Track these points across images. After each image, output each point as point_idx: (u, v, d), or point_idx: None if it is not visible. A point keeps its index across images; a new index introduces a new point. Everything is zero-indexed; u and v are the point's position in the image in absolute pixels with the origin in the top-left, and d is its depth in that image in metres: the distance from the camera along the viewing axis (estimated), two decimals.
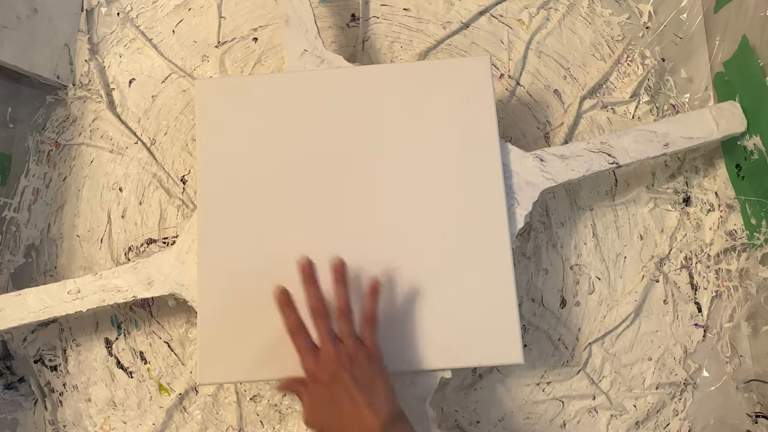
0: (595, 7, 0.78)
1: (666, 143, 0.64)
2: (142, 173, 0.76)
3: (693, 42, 0.76)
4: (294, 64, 0.67)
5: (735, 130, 0.66)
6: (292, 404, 0.70)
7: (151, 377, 0.72)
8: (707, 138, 0.65)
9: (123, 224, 0.75)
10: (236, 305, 0.60)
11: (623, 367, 0.70)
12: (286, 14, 0.68)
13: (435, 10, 0.78)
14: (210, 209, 0.62)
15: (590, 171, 0.63)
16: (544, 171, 0.63)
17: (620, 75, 0.76)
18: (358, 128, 0.63)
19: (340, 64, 0.67)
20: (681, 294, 0.72)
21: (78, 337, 0.73)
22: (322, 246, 0.60)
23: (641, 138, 0.64)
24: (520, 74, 0.77)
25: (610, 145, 0.64)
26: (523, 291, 0.71)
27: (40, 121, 0.78)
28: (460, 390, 0.70)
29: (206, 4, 0.80)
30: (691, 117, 0.66)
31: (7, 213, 0.76)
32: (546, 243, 0.73)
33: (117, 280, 0.64)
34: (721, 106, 0.67)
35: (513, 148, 0.63)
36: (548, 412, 0.69)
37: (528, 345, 0.70)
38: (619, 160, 0.64)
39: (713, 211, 0.73)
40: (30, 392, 0.72)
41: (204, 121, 0.63)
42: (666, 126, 0.65)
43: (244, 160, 0.62)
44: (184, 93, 0.78)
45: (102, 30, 0.81)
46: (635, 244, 0.73)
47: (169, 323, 0.73)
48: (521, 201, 0.62)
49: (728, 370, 0.69)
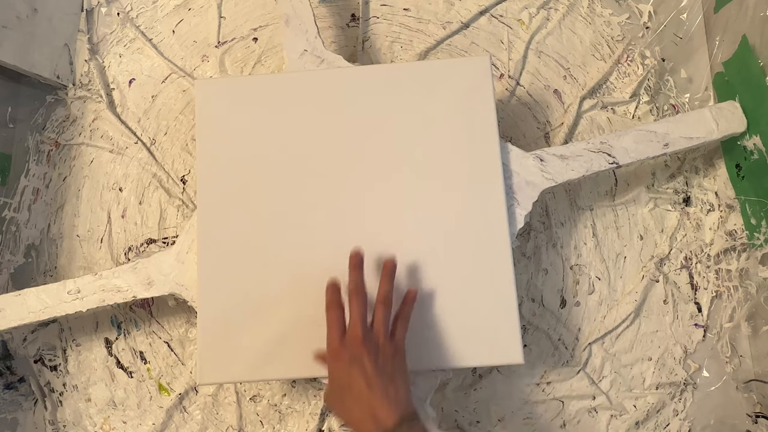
0: (595, 7, 0.78)
1: (666, 143, 0.64)
2: (142, 173, 0.76)
3: (693, 42, 0.76)
4: (294, 64, 0.67)
5: (735, 130, 0.66)
6: (292, 404, 0.70)
7: (151, 377, 0.72)
8: (707, 138, 0.65)
9: (123, 224, 0.75)
10: (236, 305, 0.60)
11: (623, 367, 0.70)
12: (286, 14, 0.68)
13: (435, 10, 0.78)
14: (210, 209, 0.62)
15: (590, 171, 0.63)
16: (544, 171, 0.63)
17: (620, 75, 0.76)
18: (358, 128, 0.63)
19: (340, 64, 0.67)
20: (681, 294, 0.72)
21: (78, 337, 0.73)
22: (321, 245, 0.61)
23: (641, 138, 0.64)
24: (520, 74, 0.77)
25: (610, 145, 0.64)
26: (523, 291, 0.71)
27: (40, 121, 0.78)
28: (460, 390, 0.70)
29: (206, 4, 0.80)
30: (691, 117, 0.66)
31: (7, 213, 0.76)
32: (546, 243, 0.73)
33: (117, 280, 0.64)
34: (720, 106, 0.67)
35: (513, 148, 0.63)
36: (548, 412, 0.69)
37: (528, 345, 0.70)
38: (619, 160, 0.64)
39: (713, 211, 0.73)
40: (30, 392, 0.72)
41: (204, 122, 0.63)
42: (666, 126, 0.65)
43: (243, 161, 0.62)
44: (184, 93, 0.78)
45: (102, 30, 0.81)
46: (635, 244, 0.73)
47: (169, 323, 0.73)
48: (521, 201, 0.62)
49: (728, 370, 0.69)
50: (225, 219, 0.61)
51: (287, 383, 0.71)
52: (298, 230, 0.61)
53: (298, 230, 0.61)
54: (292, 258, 0.60)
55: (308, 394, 0.70)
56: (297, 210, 0.61)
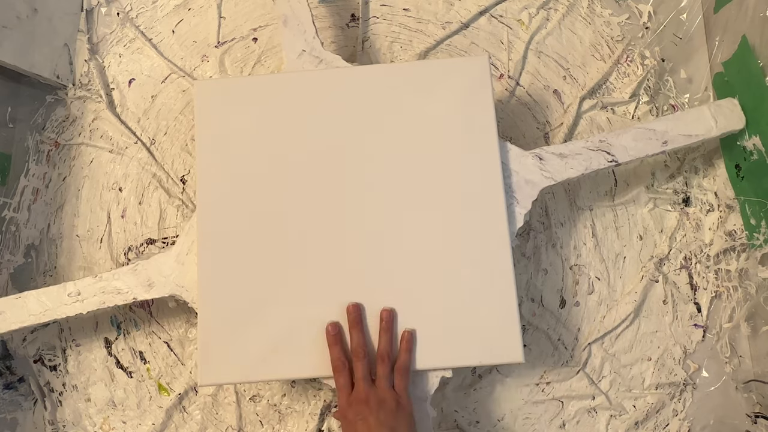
0: (595, 8, 0.78)
1: (665, 141, 0.64)
2: (141, 173, 0.76)
3: (693, 42, 0.76)
4: (292, 64, 0.67)
5: (734, 127, 0.66)
6: (291, 404, 0.70)
7: (151, 377, 0.72)
8: (706, 135, 0.65)
9: (123, 224, 0.75)
10: (236, 306, 0.60)
11: (623, 368, 0.70)
12: (284, 14, 0.68)
13: (435, 10, 0.78)
14: (209, 210, 0.62)
15: (589, 169, 0.63)
16: (543, 169, 0.63)
17: (620, 75, 0.76)
18: (357, 128, 0.63)
19: (339, 64, 0.67)
20: (680, 294, 0.72)
21: (78, 337, 0.73)
22: (320, 245, 0.60)
23: (640, 136, 0.64)
24: (520, 74, 0.77)
25: (608, 143, 0.64)
26: (523, 291, 0.71)
27: (40, 121, 0.78)
28: (460, 390, 0.70)
29: (206, 4, 0.80)
30: (690, 114, 0.66)
31: (7, 213, 0.76)
32: (546, 243, 0.73)
33: (117, 282, 0.64)
34: (719, 103, 0.67)
35: (512, 147, 0.63)
36: (548, 412, 0.69)
37: (528, 345, 0.70)
38: (618, 158, 0.64)
39: (713, 211, 0.73)
40: (29, 392, 0.72)
41: (203, 122, 0.63)
42: (665, 124, 0.65)
43: (243, 161, 0.62)
44: (183, 93, 0.78)
45: (102, 30, 0.81)
46: (635, 245, 0.73)
47: (169, 323, 0.73)
48: (521, 200, 0.62)
49: (728, 371, 0.69)
50: (225, 220, 0.61)
51: (287, 383, 0.71)
52: (298, 230, 0.61)
53: (297, 230, 0.61)
54: (291, 258, 0.60)
55: (308, 395, 0.70)
56: (296, 210, 0.61)
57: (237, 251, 0.61)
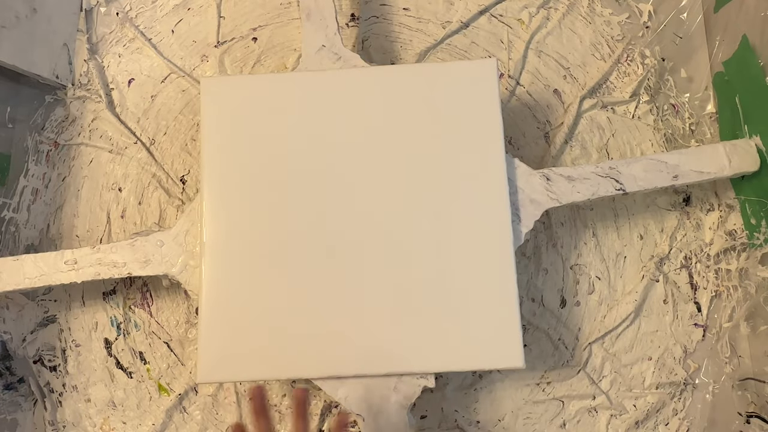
0: (595, 7, 0.78)
1: (676, 175, 0.63)
2: (141, 173, 0.76)
3: (693, 42, 0.76)
4: (310, 59, 0.66)
5: (747, 169, 0.65)
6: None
7: (151, 377, 0.72)
8: (718, 174, 0.64)
9: (122, 224, 0.75)
10: (238, 304, 0.60)
11: (623, 367, 0.70)
12: (308, 8, 0.67)
13: (435, 9, 0.78)
14: (214, 209, 0.62)
15: (596, 195, 0.63)
16: (550, 191, 0.63)
17: (620, 75, 0.76)
18: (364, 130, 0.62)
19: (357, 62, 0.66)
20: (681, 294, 0.72)
21: (77, 338, 0.73)
22: (323, 246, 0.60)
23: (651, 167, 0.64)
24: (520, 74, 0.77)
25: (618, 171, 0.63)
26: (523, 291, 0.71)
27: (39, 121, 0.78)
28: (460, 390, 0.70)
29: (205, 4, 0.80)
30: (704, 151, 0.65)
31: (7, 213, 0.76)
32: (546, 243, 0.73)
33: (114, 255, 0.64)
34: (735, 143, 0.65)
35: (520, 164, 0.63)
36: (548, 412, 0.69)
37: (528, 345, 0.70)
38: (626, 187, 0.63)
39: (713, 211, 0.73)
40: (29, 393, 0.72)
41: (209, 120, 0.63)
42: (677, 157, 0.64)
43: (248, 160, 0.62)
44: (183, 93, 0.78)
45: (101, 30, 0.80)
46: (635, 244, 0.73)
47: (169, 324, 0.73)
48: (523, 218, 0.62)
49: (727, 370, 0.69)
50: (229, 218, 0.61)
51: (287, 383, 0.71)
52: (301, 230, 0.61)
53: (300, 232, 0.61)
54: (294, 258, 0.60)
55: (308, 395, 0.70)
56: (300, 212, 0.61)
57: (241, 250, 0.61)
